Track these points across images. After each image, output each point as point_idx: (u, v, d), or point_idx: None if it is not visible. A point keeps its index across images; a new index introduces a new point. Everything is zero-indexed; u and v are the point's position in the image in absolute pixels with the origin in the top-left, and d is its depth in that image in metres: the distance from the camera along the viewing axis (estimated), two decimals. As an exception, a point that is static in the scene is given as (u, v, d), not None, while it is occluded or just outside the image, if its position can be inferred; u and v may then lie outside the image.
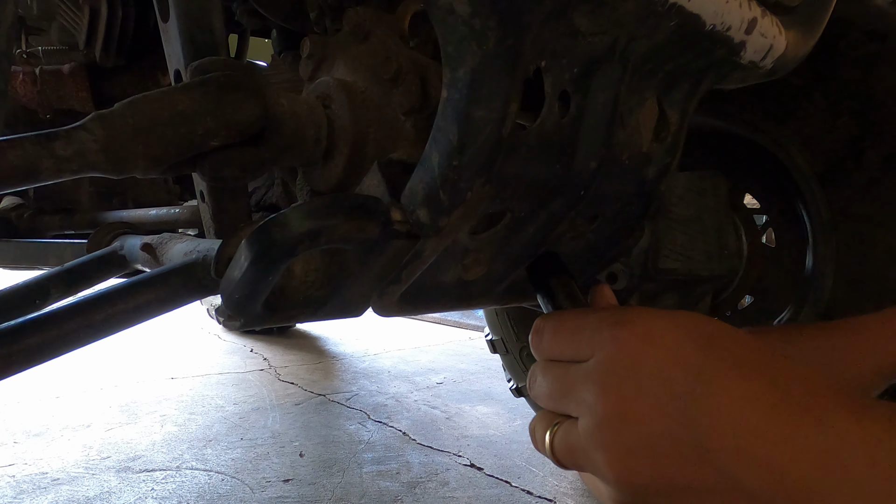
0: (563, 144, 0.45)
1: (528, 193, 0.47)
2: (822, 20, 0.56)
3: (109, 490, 1.45)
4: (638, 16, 0.40)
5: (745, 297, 1.23)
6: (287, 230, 0.38)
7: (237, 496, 1.42)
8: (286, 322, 0.49)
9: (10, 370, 0.47)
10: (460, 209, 0.42)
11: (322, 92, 0.56)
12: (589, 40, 0.41)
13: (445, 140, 0.40)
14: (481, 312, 2.84)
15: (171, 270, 0.54)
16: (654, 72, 0.47)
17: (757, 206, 1.21)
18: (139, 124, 0.46)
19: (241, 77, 0.50)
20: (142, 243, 0.69)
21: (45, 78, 1.28)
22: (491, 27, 0.36)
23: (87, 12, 1.23)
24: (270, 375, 2.48)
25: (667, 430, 0.36)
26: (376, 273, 0.47)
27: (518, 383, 1.48)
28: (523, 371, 1.44)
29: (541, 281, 0.52)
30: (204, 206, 0.64)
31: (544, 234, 0.50)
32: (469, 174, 0.40)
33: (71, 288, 0.69)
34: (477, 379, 2.50)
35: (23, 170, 0.43)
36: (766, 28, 0.48)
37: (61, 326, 0.49)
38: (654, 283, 1.07)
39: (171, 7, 0.59)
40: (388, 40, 0.53)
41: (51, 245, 1.11)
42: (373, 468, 1.58)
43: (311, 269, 0.47)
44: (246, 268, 0.40)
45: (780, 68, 0.53)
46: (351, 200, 0.41)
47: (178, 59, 0.60)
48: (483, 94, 0.38)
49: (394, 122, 0.52)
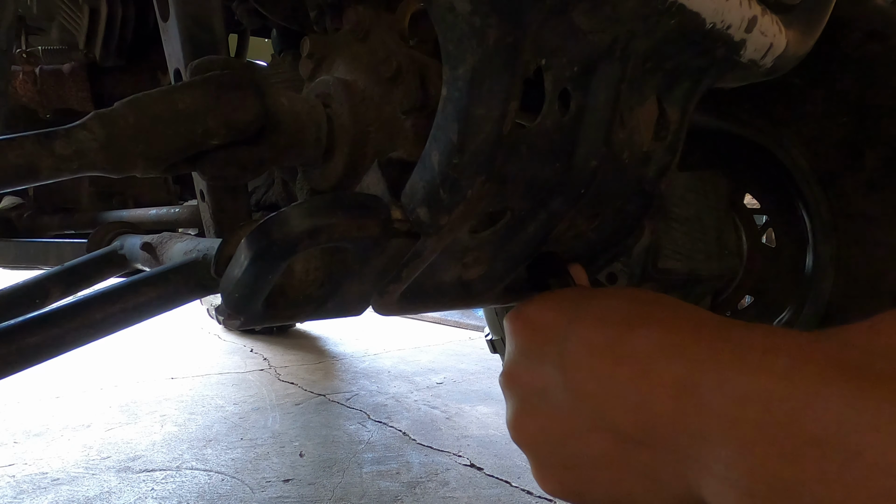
0: (563, 143, 0.45)
1: (529, 192, 0.46)
2: (823, 19, 0.56)
3: (109, 490, 1.45)
4: (638, 14, 0.40)
5: (745, 296, 1.23)
6: (287, 228, 0.38)
7: (237, 496, 1.42)
8: (286, 321, 0.49)
9: (11, 369, 0.47)
10: (460, 208, 0.42)
11: (322, 91, 0.56)
12: (589, 38, 0.41)
13: (445, 138, 0.40)
14: (481, 312, 2.84)
15: (171, 269, 0.54)
16: (655, 70, 0.47)
17: (757, 206, 1.21)
18: (139, 123, 0.46)
19: (241, 76, 0.50)
20: (142, 242, 0.69)
21: (45, 77, 1.28)
22: (491, 25, 0.36)
23: (87, 12, 1.23)
24: (270, 375, 2.48)
25: (546, 390, 0.40)
26: (376, 272, 0.46)
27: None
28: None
29: (540, 281, 0.52)
30: (204, 205, 0.64)
31: (545, 233, 0.50)
32: (469, 172, 0.40)
33: (71, 287, 0.69)
34: (477, 379, 2.50)
35: (23, 169, 0.43)
36: (767, 27, 0.48)
37: (61, 325, 0.49)
38: (653, 283, 1.07)
39: (171, 6, 0.59)
40: (387, 39, 0.53)
41: (51, 245, 1.10)
42: (373, 468, 1.58)
43: (311, 268, 0.47)
44: (246, 266, 0.40)
45: (781, 67, 0.53)
46: (351, 199, 0.41)
47: (177, 58, 0.60)
48: (483, 92, 0.38)
49: (394, 121, 0.52)
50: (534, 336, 0.43)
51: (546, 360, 0.41)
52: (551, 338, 0.41)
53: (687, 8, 0.40)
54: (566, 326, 0.40)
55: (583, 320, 0.40)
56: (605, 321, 0.38)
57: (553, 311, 0.43)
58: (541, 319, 0.43)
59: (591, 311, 0.40)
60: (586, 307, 0.41)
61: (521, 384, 0.43)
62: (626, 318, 0.38)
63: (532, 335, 0.43)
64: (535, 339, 0.43)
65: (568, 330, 0.40)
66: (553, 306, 0.43)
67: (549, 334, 0.42)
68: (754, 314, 1.22)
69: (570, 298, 0.44)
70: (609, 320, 0.38)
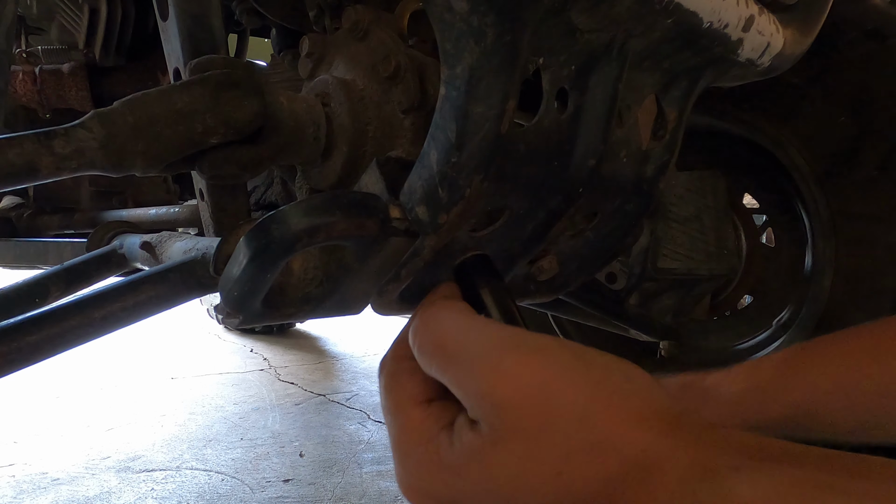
0: (561, 142, 0.45)
1: (527, 191, 0.47)
2: (820, 18, 0.56)
3: (109, 490, 1.45)
4: (635, 13, 0.40)
5: (745, 296, 1.23)
6: (286, 227, 0.38)
7: (237, 496, 1.42)
8: (285, 319, 0.49)
9: (11, 368, 0.48)
10: (459, 206, 0.42)
11: (321, 90, 0.56)
12: (587, 37, 0.41)
13: (444, 137, 0.40)
14: (481, 312, 2.82)
15: (171, 268, 0.54)
16: (652, 69, 0.47)
17: (756, 205, 1.21)
18: (138, 122, 0.47)
19: (240, 75, 0.50)
20: (141, 242, 0.69)
21: (45, 77, 1.28)
22: (489, 24, 0.36)
23: (87, 12, 1.23)
24: (270, 375, 2.48)
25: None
26: (375, 271, 0.47)
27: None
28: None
29: (469, 289, 0.46)
30: (203, 204, 0.64)
31: (543, 232, 0.50)
32: (467, 171, 0.40)
33: (70, 286, 0.69)
34: (477, 379, 2.50)
35: (22, 168, 0.44)
36: (764, 26, 0.48)
37: (61, 324, 0.49)
38: (653, 283, 1.07)
39: (171, 6, 0.59)
40: (386, 38, 0.53)
41: (51, 244, 1.11)
42: (373, 468, 1.58)
43: (310, 267, 0.47)
44: (245, 265, 0.40)
45: (778, 66, 0.53)
46: (349, 198, 0.41)
47: (177, 57, 0.60)
48: (481, 91, 0.38)
49: (392, 120, 0.52)
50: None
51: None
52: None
53: (684, 7, 0.41)
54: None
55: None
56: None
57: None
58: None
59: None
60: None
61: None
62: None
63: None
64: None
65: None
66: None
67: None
68: (754, 314, 1.23)
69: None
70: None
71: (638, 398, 0.31)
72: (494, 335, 0.34)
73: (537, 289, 0.59)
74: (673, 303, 1.13)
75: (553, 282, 0.59)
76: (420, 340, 0.37)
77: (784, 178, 1.06)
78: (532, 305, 0.94)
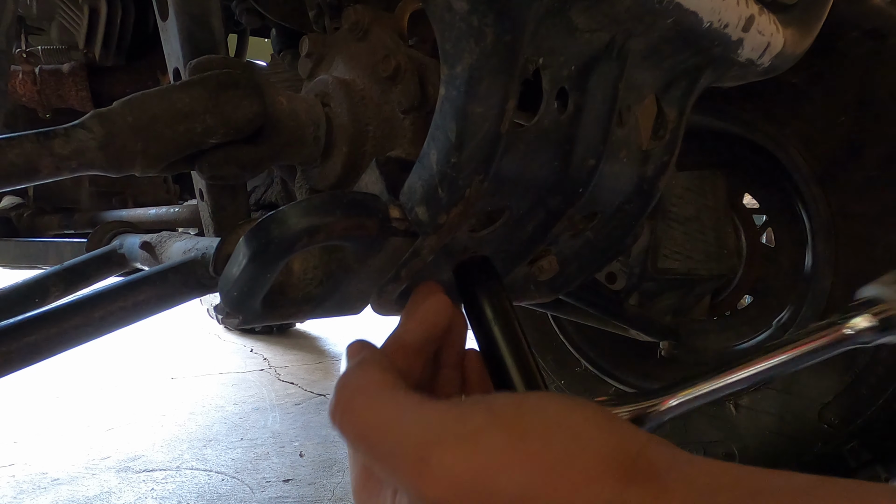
0: (561, 142, 0.45)
1: (527, 191, 0.47)
2: (820, 18, 0.56)
3: (109, 490, 1.45)
4: (635, 13, 0.40)
5: (745, 296, 1.23)
6: (285, 227, 0.38)
7: (237, 496, 1.42)
8: (285, 319, 0.49)
9: (10, 367, 0.47)
10: (459, 206, 0.42)
11: (321, 90, 0.56)
12: (586, 37, 0.41)
13: (444, 137, 0.40)
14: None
15: (170, 268, 0.54)
16: (652, 69, 0.47)
17: (756, 205, 1.21)
18: (138, 122, 0.47)
19: (240, 75, 0.50)
20: (141, 242, 0.69)
21: (45, 77, 1.28)
22: (488, 24, 0.36)
23: (87, 12, 1.23)
24: (270, 375, 2.48)
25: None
26: (375, 271, 0.47)
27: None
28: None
29: (468, 291, 0.46)
30: (203, 204, 0.64)
31: (543, 232, 0.50)
32: (467, 171, 0.40)
33: (70, 286, 0.69)
34: (477, 379, 2.50)
35: (22, 168, 0.43)
36: (764, 25, 0.48)
37: (61, 324, 0.49)
38: (653, 283, 1.07)
39: (170, 6, 0.59)
40: (386, 38, 0.53)
41: (50, 244, 1.11)
42: (372, 468, 1.58)
43: (309, 267, 0.47)
44: (244, 265, 0.40)
45: (778, 66, 0.53)
46: (349, 198, 0.41)
47: (177, 57, 0.60)
48: (481, 91, 0.38)
49: (392, 120, 0.52)
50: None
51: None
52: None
53: (684, 7, 0.41)
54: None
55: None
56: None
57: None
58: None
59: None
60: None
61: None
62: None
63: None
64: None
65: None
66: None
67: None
68: (754, 314, 1.23)
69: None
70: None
71: (585, 457, 0.28)
72: (417, 425, 0.31)
73: (537, 289, 0.59)
74: (673, 303, 1.13)
75: (553, 282, 0.59)
76: (340, 424, 0.34)
77: (784, 178, 1.05)
78: (532, 305, 0.94)
